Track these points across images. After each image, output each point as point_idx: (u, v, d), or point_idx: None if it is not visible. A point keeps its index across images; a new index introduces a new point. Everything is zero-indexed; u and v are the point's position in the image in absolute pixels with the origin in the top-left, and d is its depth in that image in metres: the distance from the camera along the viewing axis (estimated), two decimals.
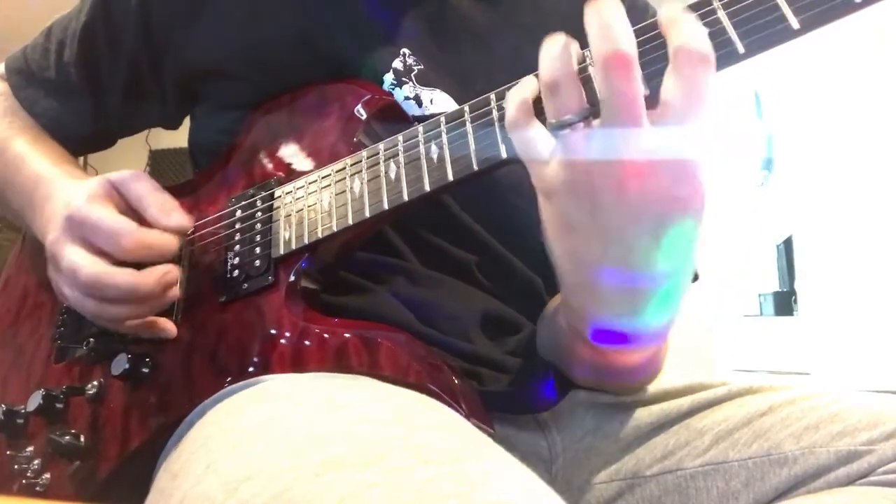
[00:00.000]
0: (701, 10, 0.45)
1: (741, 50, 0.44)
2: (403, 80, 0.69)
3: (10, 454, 0.66)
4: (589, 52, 0.46)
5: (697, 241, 0.48)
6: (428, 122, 0.57)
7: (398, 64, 0.69)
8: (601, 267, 0.48)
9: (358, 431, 0.40)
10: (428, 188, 0.54)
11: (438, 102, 0.69)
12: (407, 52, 0.70)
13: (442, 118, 0.55)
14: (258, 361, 0.57)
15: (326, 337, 0.56)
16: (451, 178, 0.53)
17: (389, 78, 0.69)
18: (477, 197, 0.68)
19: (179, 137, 0.86)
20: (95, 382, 0.64)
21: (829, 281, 2.81)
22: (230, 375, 0.57)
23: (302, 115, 0.68)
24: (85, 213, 0.60)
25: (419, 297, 0.66)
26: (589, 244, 0.48)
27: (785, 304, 3.19)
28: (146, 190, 0.64)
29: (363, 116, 0.64)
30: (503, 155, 0.51)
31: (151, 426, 0.60)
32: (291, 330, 0.57)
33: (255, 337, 0.59)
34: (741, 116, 3.21)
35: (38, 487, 0.63)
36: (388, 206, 0.56)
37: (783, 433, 0.62)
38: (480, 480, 0.34)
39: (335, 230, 0.58)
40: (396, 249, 0.68)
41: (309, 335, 0.56)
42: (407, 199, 0.55)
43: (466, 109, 0.54)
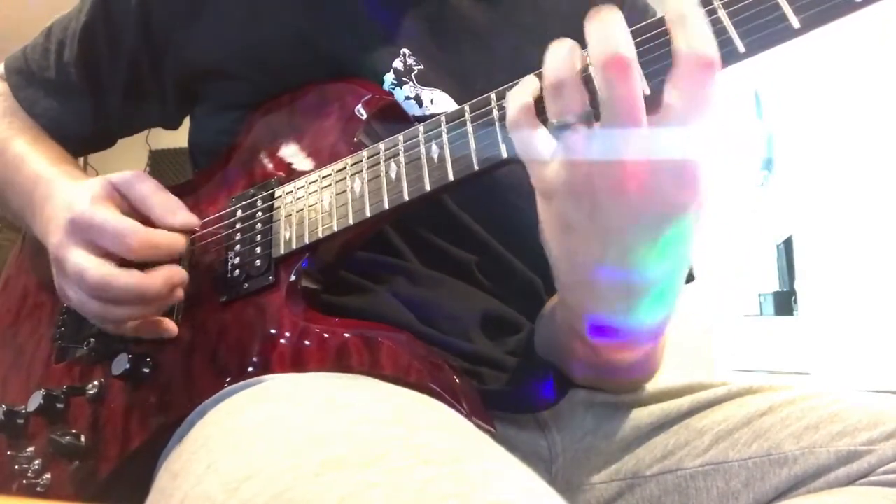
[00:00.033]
0: (702, 7, 0.45)
1: (741, 49, 0.44)
2: (404, 80, 0.69)
3: (10, 454, 0.66)
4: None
5: (694, 240, 0.48)
6: (428, 121, 0.57)
7: (398, 64, 0.69)
8: (599, 266, 0.48)
9: (358, 431, 0.40)
10: (428, 188, 0.54)
11: (439, 102, 0.69)
12: (407, 52, 0.70)
13: (442, 118, 0.55)
14: (258, 361, 0.57)
15: (327, 337, 0.56)
16: (451, 177, 0.53)
17: (390, 78, 0.69)
18: (477, 197, 0.68)
19: (179, 137, 0.86)
20: (96, 382, 0.64)
21: (829, 281, 2.81)
22: (231, 375, 0.57)
23: (302, 114, 0.68)
24: (89, 215, 0.60)
25: (419, 296, 0.66)
26: (587, 244, 0.48)
27: (785, 304, 3.19)
28: (150, 190, 0.64)
29: (363, 116, 0.64)
30: (504, 154, 0.51)
31: (152, 426, 0.60)
32: (292, 330, 0.57)
33: (255, 337, 0.59)
34: (741, 116, 3.21)
35: (38, 488, 0.63)
36: (388, 205, 0.56)
37: (783, 433, 0.62)
38: (480, 480, 0.34)
39: (336, 230, 0.58)
40: (397, 249, 0.68)
41: (309, 335, 0.56)
42: (407, 198, 0.55)
43: (467, 109, 0.54)
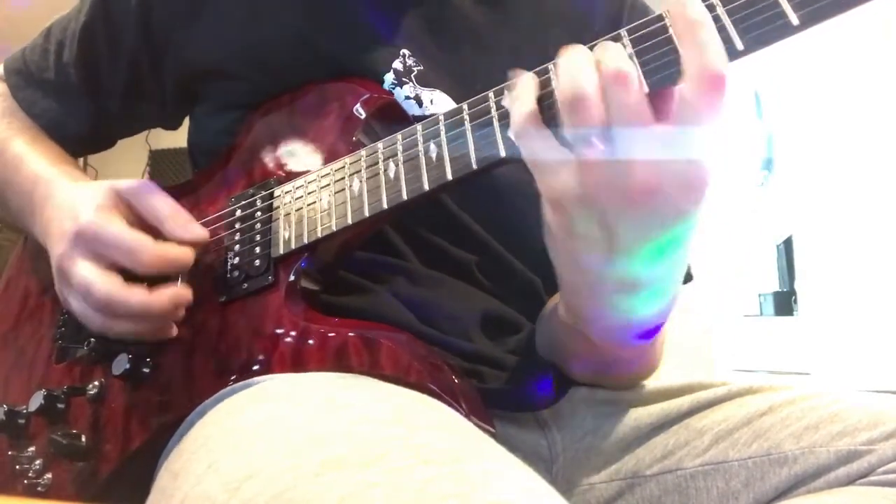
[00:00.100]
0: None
1: (740, 46, 0.44)
2: (404, 80, 0.69)
3: (11, 454, 0.66)
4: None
5: (694, 236, 0.49)
6: (426, 121, 0.57)
7: (398, 64, 0.69)
8: (605, 269, 0.49)
9: (358, 431, 0.40)
10: (427, 187, 0.54)
11: (438, 103, 0.69)
12: (407, 52, 0.70)
13: (440, 117, 0.55)
14: (258, 361, 0.57)
15: (326, 336, 0.56)
16: (449, 177, 0.53)
17: (390, 78, 0.69)
18: (476, 197, 0.68)
19: (179, 137, 0.86)
20: (96, 382, 0.64)
21: (829, 281, 2.81)
22: (230, 375, 0.57)
23: (301, 114, 0.68)
24: (96, 228, 0.60)
25: (419, 296, 0.66)
26: (595, 249, 0.48)
27: (785, 304, 3.19)
28: (159, 201, 0.63)
29: (362, 115, 0.64)
30: (502, 154, 0.51)
31: (152, 426, 0.60)
32: (291, 329, 0.57)
33: (255, 337, 0.59)
34: (741, 116, 3.21)
35: (39, 488, 0.63)
36: (387, 205, 0.56)
37: (783, 433, 0.62)
38: (480, 480, 0.34)
39: (334, 230, 0.58)
40: (396, 249, 0.68)
41: (309, 335, 0.56)
42: (406, 198, 0.55)
43: (465, 108, 0.54)
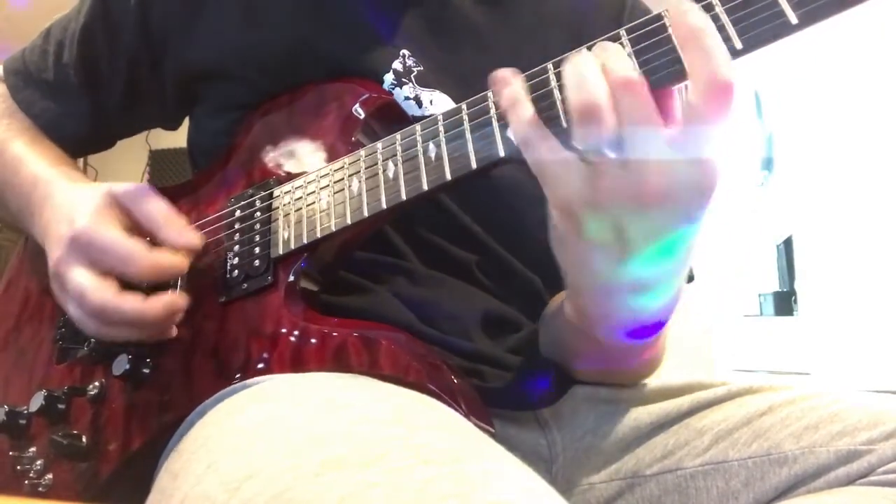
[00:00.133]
0: (699, 3, 0.45)
1: (738, 46, 0.44)
2: (403, 80, 0.69)
3: (12, 455, 0.66)
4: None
5: (699, 235, 0.50)
6: (425, 121, 0.57)
7: (398, 65, 0.69)
8: (616, 273, 0.49)
9: (358, 431, 0.40)
10: (426, 187, 0.54)
11: (438, 103, 0.69)
12: (407, 52, 0.70)
13: (439, 117, 0.55)
14: (258, 361, 0.57)
15: (326, 337, 0.56)
16: (448, 177, 0.53)
17: (389, 79, 0.69)
18: (475, 198, 0.68)
19: (179, 137, 0.86)
20: (97, 383, 0.64)
21: (829, 281, 2.81)
22: (230, 375, 0.57)
23: (301, 114, 0.68)
24: (91, 234, 0.60)
25: (420, 296, 0.67)
26: (607, 254, 0.49)
27: (785, 304, 3.19)
28: (154, 206, 0.63)
29: (361, 115, 0.64)
30: (501, 153, 0.51)
31: (152, 426, 0.60)
32: (291, 330, 0.57)
33: (254, 337, 0.59)
34: (741, 116, 3.21)
35: (40, 488, 0.63)
36: (386, 205, 0.56)
37: (783, 433, 0.62)
38: (480, 480, 0.34)
39: (334, 230, 0.58)
40: (397, 249, 0.68)
41: (308, 335, 0.56)
42: (405, 198, 0.55)
43: (464, 108, 0.54)
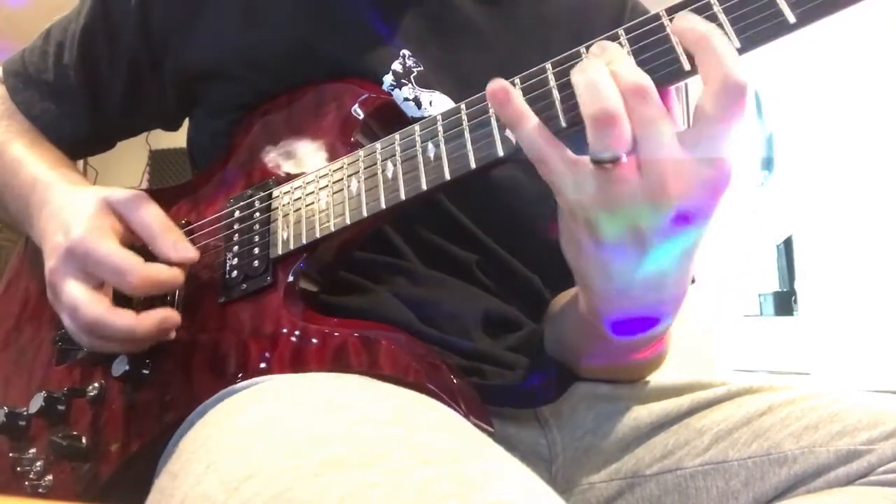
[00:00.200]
0: (697, 3, 0.45)
1: (737, 45, 0.44)
2: (403, 81, 0.69)
3: (12, 456, 0.66)
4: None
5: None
6: (424, 121, 0.57)
7: (397, 66, 0.69)
8: (634, 274, 0.50)
9: (358, 431, 0.40)
10: (425, 187, 0.54)
11: (438, 104, 0.69)
12: (407, 53, 0.70)
13: (438, 117, 0.55)
14: (258, 362, 0.57)
15: (326, 337, 0.56)
16: (448, 176, 0.53)
17: (388, 79, 0.69)
18: (475, 197, 0.68)
19: (179, 137, 0.86)
20: (96, 384, 0.64)
21: (829, 281, 2.81)
22: (230, 376, 0.57)
23: (300, 115, 0.68)
24: (86, 245, 0.59)
25: (420, 296, 0.67)
26: (626, 257, 0.49)
27: (785, 304, 3.20)
28: (151, 217, 0.63)
29: (360, 116, 0.64)
30: (500, 153, 0.51)
31: (152, 427, 0.60)
32: (290, 330, 0.57)
33: (254, 337, 0.59)
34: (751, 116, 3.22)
35: (40, 489, 0.63)
36: (385, 205, 0.56)
37: (783, 433, 0.62)
38: (480, 480, 0.34)
39: (333, 230, 0.58)
40: (397, 249, 0.68)
41: (308, 335, 0.56)
42: (404, 197, 0.55)
43: (463, 108, 0.54)
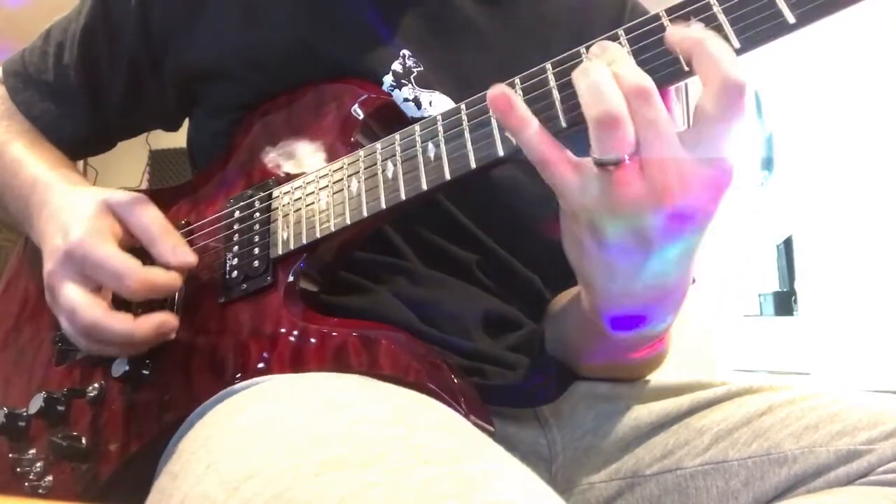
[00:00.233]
0: (696, 4, 0.46)
1: (736, 45, 0.44)
2: (402, 82, 0.69)
3: (12, 457, 0.66)
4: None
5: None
6: (424, 121, 0.57)
7: (397, 66, 0.69)
8: (638, 274, 0.50)
9: (358, 431, 0.40)
10: (425, 187, 0.54)
11: (437, 104, 0.69)
12: (407, 53, 0.70)
13: (438, 117, 0.56)
14: (258, 362, 0.57)
15: (326, 337, 0.56)
16: (448, 176, 0.53)
17: (388, 80, 0.69)
18: (475, 197, 0.68)
19: (179, 137, 0.86)
20: (96, 384, 0.64)
21: (829, 281, 2.81)
22: (230, 376, 0.57)
23: (300, 115, 0.68)
24: (85, 248, 0.59)
25: (420, 296, 0.67)
26: (630, 258, 0.49)
27: (785, 304, 3.20)
28: (150, 220, 0.63)
29: (360, 116, 0.65)
30: (500, 153, 0.51)
31: (152, 427, 0.60)
32: (290, 330, 0.57)
33: (254, 337, 0.59)
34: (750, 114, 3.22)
35: (40, 490, 0.63)
36: (385, 205, 0.56)
37: (783, 433, 0.62)
38: (480, 480, 0.34)
39: (333, 230, 0.58)
40: (397, 249, 0.68)
41: (308, 335, 0.56)
42: (404, 198, 0.55)
43: (463, 108, 0.54)
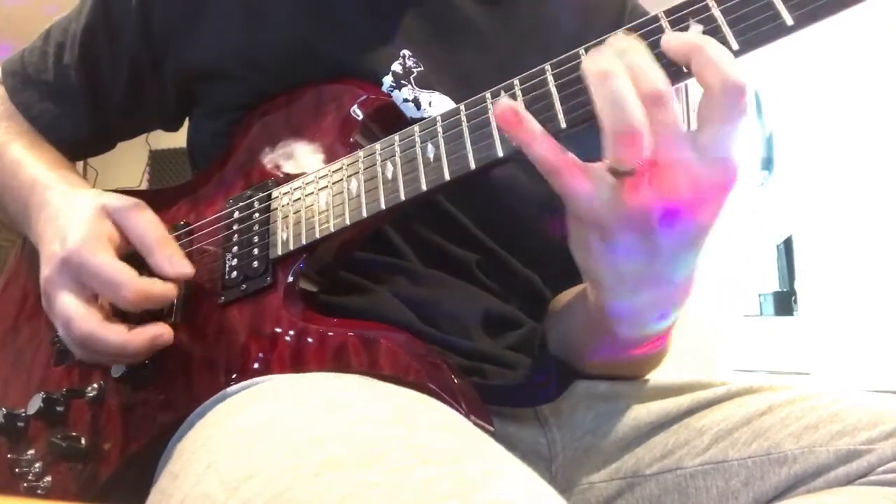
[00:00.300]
0: (695, 5, 0.46)
1: (735, 47, 0.44)
2: (402, 82, 0.69)
3: (11, 457, 0.66)
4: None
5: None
6: (424, 121, 0.57)
7: (397, 66, 0.69)
8: (645, 274, 0.50)
9: (358, 431, 0.40)
10: (425, 187, 0.54)
11: (437, 105, 0.69)
12: (407, 53, 0.70)
13: (438, 117, 0.56)
14: (257, 362, 0.57)
15: (325, 337, 0.56)
16: (447, 177, 0.53)
17: (388, 80, 0.69)
18: (474, 197, 0.68)
19: (179, 138, 0.86)
20: (95, 385, 0.64)
21: (829, 281, 2.81)
22: (230, 376, 0.57)
23: (299, 115, 0.68)
24: (81, 256, 0.59)
25: (420, 296, 0.67)
26: (637, 259, 0.49)
27: (785, 304, 3.20)
28: (147, 229, 0.62)
29: (359, 117, 0.65)
30: (500, 153, 0.51)
31: (152, 428, 0.60)
32: (290, 330, 0.57)
33: (254, 337, 0.59)
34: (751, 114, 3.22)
35: (39, 490, 0.63)
36: (385, 205, 0.56)
37: (783, 432, 0.62)
38: (480, 480, 0.34)
39: (332, 230, 0.58)
40: (397, 249, 0.68)
41: (308, 335, 0.56)
42: (404, 198, 0.55)
43: (462, 109, 0.54)
